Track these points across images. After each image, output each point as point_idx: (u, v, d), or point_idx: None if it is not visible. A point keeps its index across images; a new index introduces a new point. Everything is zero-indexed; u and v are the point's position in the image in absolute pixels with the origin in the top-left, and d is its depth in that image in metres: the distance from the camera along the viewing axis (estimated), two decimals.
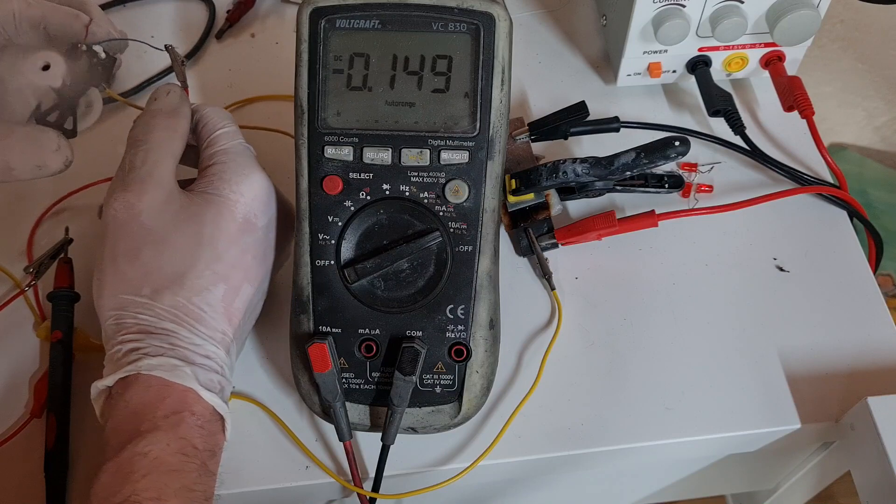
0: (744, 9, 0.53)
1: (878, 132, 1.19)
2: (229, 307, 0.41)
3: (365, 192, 0.41)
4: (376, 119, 0.41)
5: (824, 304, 0.50)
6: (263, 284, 0.44)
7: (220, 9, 0.65)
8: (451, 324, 0.42)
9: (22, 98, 0.43)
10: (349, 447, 0.43)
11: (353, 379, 0.42)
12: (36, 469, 0.44)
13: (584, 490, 0.60)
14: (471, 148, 0.41)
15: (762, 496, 0.63)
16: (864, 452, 0.45)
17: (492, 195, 0.42)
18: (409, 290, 0.42)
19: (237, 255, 0.41)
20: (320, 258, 0.42)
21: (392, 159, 0.41)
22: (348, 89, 0.41)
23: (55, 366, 0.46)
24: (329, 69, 0.41)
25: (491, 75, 0.40)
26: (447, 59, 0.40)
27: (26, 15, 0.43)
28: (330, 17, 0.40)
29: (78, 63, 0.44)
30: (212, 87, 0.61)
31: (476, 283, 0.42)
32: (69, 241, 0.50)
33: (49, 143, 0.42)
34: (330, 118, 0.41)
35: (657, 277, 0.51)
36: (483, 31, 0.40)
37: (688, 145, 0.47)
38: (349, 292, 0.42)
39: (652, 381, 0.47)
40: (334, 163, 0.41)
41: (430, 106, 0.41)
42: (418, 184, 0.41)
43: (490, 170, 0.41)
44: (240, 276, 0.42)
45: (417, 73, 0.41)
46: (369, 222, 0.42)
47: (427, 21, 0.40)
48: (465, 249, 0.41)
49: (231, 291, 0.41)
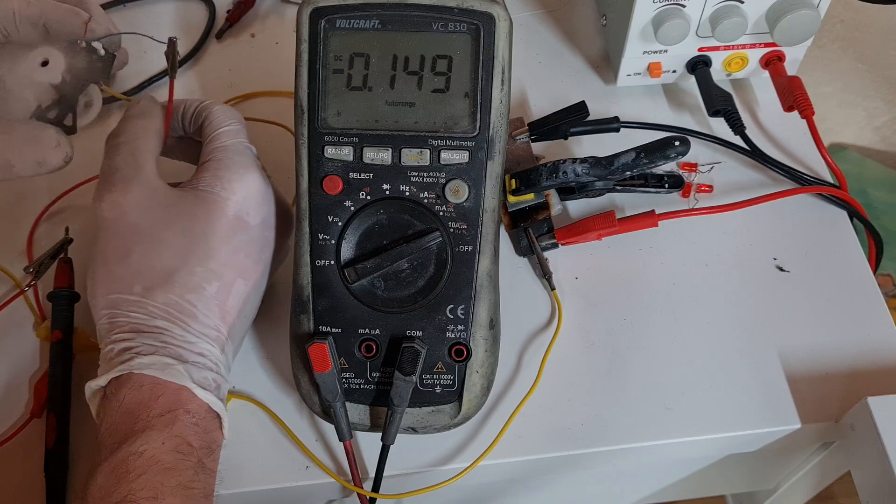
0: (744, 9, 0.53)
1: (878, 132, 1.19)
2: (223, 305, 0.41)
3: (365, 192, 0.41)
4: (376, 119, 0.41)
5: (824, 304, 0.50)
6: (260, 283, 0.44)
7: (220, 9, 0.65)
8: (451, 324, 0.42)
9: (21, 95, 0.43)
10: (349, 447, 0.43)
11: (353, 379, 0.42)
12: (36, 469, 0.44)
13: (584, 490, 0.60)
14: (471, 148, 0.41)
15: (762, 496, 0.63)
16: (864, 452, 0.45)
17: (492, 195, 0.42)
18: (409, 290, 0.42)
19: (230, 252, 0.41)
20: (320, 258, 0.42)
21: (392, 159, 0.41)
22: (348, 89, 0.41)
23: (55, 366, 0.46)
24: (329, 69, 0.41)
25: (491, 75, 0.40)
26: (447, 59, 0.40)
27: (26, 13, 0.44)
28: (330, 17, 0.40)
29: (77, 60, 0.44)
30: (212, 87, 0.61)
31: (476, 283, 0.42)
32: (69, 240, 0.50)
33: (49, 139, 0.42)
34: (330, 118, 0.41)
35: (657, 277, 0.51)
36: (483, 31, 0.40)
37: (688, 145, 0.47)
38: (349, 292, 0.42)
39: (652, 381, 0.47)
40: (334, 163, 0.41)
41: (431, 106, 0.41)
42: (418, 184, 0.41)
43: (490, 170, 0.41)
44: (233, 273, 0.41)
45: (417, 73, 0.41)
46: (369, 222, 0.42)
47: (427, 21, 0.40)
48: (466, 249, 0.41)
49: (224, 289, 0.41)
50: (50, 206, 0.53)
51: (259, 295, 0.44)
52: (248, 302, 0.43)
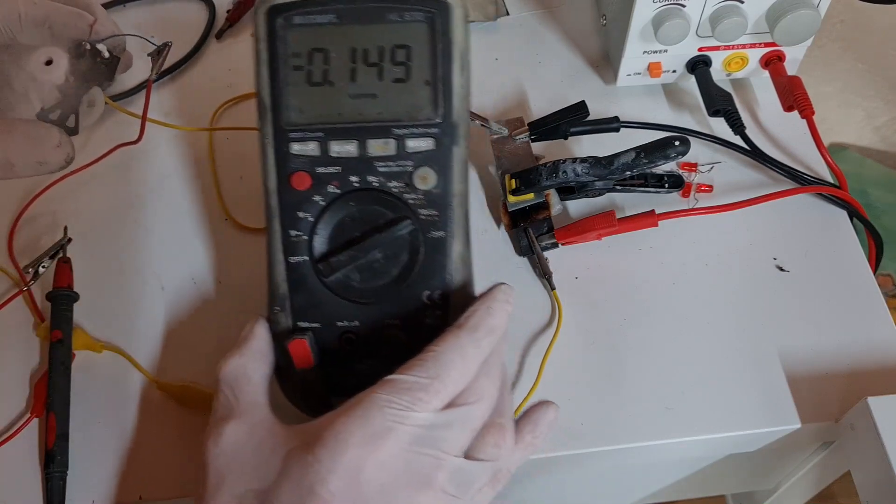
0: (744, 9, 0.53)
1: (878, 132, 1.19)
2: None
3: (334, 185, 0.41)
4: (340, 112, 0.41)
5: (824, 304, 0.50)
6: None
7: (220, 9, 0.65)
8: (429, 309, 0.42)
9: (25, 95, 0.43)
10: None
11: (335, 373, 0.42)
12: (36, 469, 0.44)
13: (585, 490, 0.60)
14: (436, 134, 0.41)
15: (762, 496, 0.63)
16: (864, 452, 0.45)
17: (460, 180, 0.41)
18: (384, 280, 0.41)
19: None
20: (294, 255, 0.41)
21: (358, 151, 0.41)
22: (310, 85, 0.41)
23: (55, 366, 0.46)
24: (289, 66, 0.40)
25: (450, 62, 0.40)
26: (405, 49, 0.40)
27: (31, 14, 0.44)
28: (286, 14, 0.40)
29: (81, 61, 0.44)
30: (212, 87, 0.60)
31: (451, 268, 0.42)
32: (68, 240, 0.50)
33: (50, 139, 0.42)
34: (294, 115, 0.41)
35: (657, 277, 0.51)
36: (439, 19, 0.40)
37: (688, 145, 0.47)
38: (325, 286, 0.41)
39: (652, 381, 0.47)
40: (301, 159, 0.41)
41: (393, 96, 0.41)
42: (386, 173, 0.41)
43: (456, 155, 0.41)
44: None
45: (377, 65, 0.40)
46: (340, 215, 0.41)
47: (382, 12, 0.40)
48: (438, 235, 0.41)
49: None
50: (28, 204, 0.53)
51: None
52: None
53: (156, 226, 0.54)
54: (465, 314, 0.39)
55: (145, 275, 0.51)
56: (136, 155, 0.55)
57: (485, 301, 0.40)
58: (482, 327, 0.38)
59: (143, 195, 0.55)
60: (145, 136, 0.53)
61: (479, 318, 0.39)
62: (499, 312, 0.39)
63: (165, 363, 0.48)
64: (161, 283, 0.51)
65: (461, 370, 0.37)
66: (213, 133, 0.58)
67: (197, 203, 0.55)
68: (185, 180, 0.56)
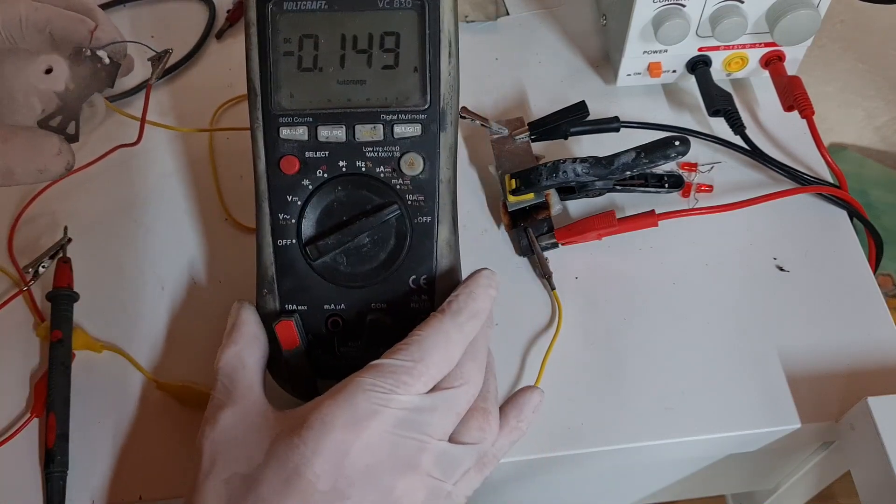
0: (744, 9, 0.53)
1: (878, 132, 1.19)
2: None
3: (322, 170, 0.41)
4: (329, 98, 0.41)
5: (824, 304, 0.50)
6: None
7: (220, 9, 0.65)
8: (414, 294, 0.42)
9: (25, 102, 0.43)
10: None
11: (321, 355, 0.43)
12: (36, 469, 0.44)
13: (584, 490, 0.60)
14: (423, 121, 0.41)
15: (762, 496, 0.63)
16: (864, 452, 0.45)
17: (447, 166, 0.42)
18: (371, 264, 0.42)
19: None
20: (282, 238, 0.42)
21: (346, 136, 0.41)
22: (300, 71, 0.41)
23: (55, 365, 0.46)
24: (279, 52, 0.41)
25: (438, 49, 0.41)
26: (394, 36, 0.41)
27: (32, 18, 0.43)
28: (277, 0, 0.40)
29: (81, 68, 0.44)
30: (212, 87, 0.60)
31: (437, 253, 0.42)
32: (68, 240, 0.50)
33: (51, 147, 0.42)
34: (283, 100, 0.41)
35: (657, 277, 0.51)
36: (428, 6, 0.40)
37: (688, 145, 0.47)
38: (312, 269, 0.42)
39: (652, 381, 0.47)
40: (290, 143, 0.41)
41: (381, 82, 0.41)
42: (374, 159, 0.41)
43: (443, 141, 0.41)
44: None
45: (366, 52, 0.41)
46: (328, 199, 0.42)
47: (372, 0, 0.40)
48: (424, 220, 0.42)
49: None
50: (27, 205, 0.53)
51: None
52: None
53: (156, 226, 0.54)
54: (448, 299, 0.40)
55: (145, 275, 0.51)
56: (135, 155, 0.55)
57: (468, 286, 0.40)
58: (465, 311, 0.39)
59: (142, 195, 0.55)
60: (145, 136, 0.52)
61: (461, 303, 0.39)
62: (482, 297, 0.40)
63: (165, 363, 0.48)
64: (161, 283, 0.51)
65: (444, 354, 0.37)
66: (213, 133, 0.58)
67: (197, 203, 0.55)
68: (185, 180, 0.56)
